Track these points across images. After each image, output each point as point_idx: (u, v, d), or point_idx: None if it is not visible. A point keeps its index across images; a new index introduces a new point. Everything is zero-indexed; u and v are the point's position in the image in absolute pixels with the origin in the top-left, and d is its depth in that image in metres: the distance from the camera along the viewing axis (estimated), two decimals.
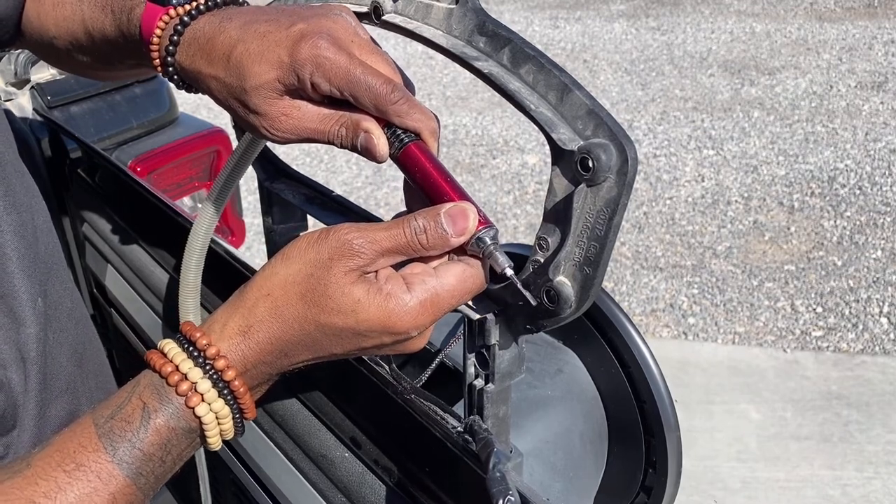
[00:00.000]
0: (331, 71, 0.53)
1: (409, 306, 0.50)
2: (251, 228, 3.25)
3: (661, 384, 0.79)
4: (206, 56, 0.58)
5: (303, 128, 0.56)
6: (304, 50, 0.53)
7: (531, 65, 0.52)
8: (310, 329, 0.51)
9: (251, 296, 0.53)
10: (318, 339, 0.51)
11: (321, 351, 0.52)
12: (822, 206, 3.69)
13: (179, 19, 0.60)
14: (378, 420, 0.67)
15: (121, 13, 0.64)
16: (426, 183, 0.54)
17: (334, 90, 0.54)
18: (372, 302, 0.50)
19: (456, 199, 0.52)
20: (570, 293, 0.52)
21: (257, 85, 0.55)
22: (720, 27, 6.12)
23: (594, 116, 0.49)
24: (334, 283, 0.50)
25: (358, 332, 0.51)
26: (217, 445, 0.54)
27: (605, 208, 0.48)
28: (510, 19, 6.59)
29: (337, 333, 0.51)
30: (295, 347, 0.52)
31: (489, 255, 0.51)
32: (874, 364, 2.74)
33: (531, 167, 4.23)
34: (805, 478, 2.30)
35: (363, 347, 0.52)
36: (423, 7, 0.59)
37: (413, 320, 0.50)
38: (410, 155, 0.54)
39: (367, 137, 0.54)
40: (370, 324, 0.50)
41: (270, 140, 0.59)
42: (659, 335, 2.96)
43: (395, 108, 0.54)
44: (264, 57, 0.55)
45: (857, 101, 4.71)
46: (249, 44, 0.56)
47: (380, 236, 0.51)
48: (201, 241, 0.79)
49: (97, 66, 0.74)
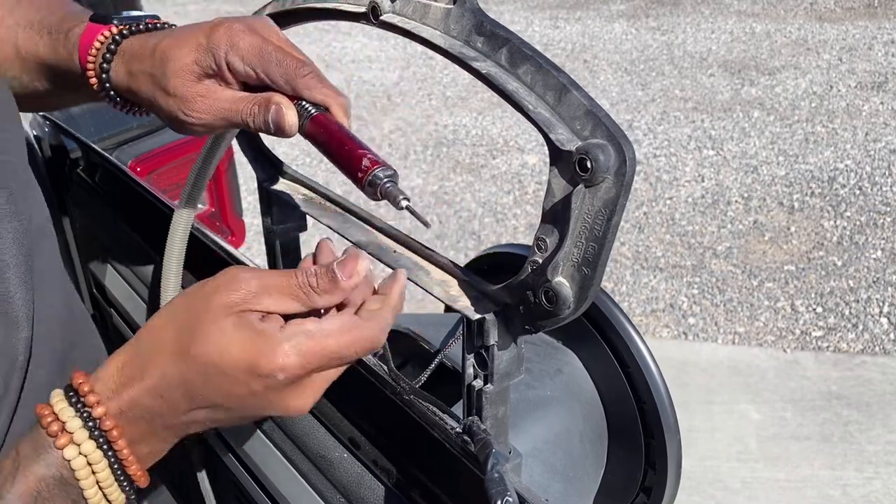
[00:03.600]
0: (244, 50, 0.58)
1: (276, 343, 0.47)
2: (251, 228, 3.25)
3: (660, 384, 0.79)
4: (137, 58, 0.63)
5: (218, 108, 0.60)
6: (219, 32, 0.59)
7: (529, 65, 0.52)
8: (181, 365, 0.48)
9: (141, 332, 0.51)
10: (190, 379, 0.48)
11: (196, 397, 0.49)
12: (822, 207, 3.69)
13: (113, 37, 0.65)
14: (376, 421, 0.67)
15: (58, 34, 0.68)
16: (332, 146, 0.56)
17: (248, 69, 0.58)
18: (238, 336, 0.47)
19: (360, 153, 0.54)
20: (569, 294, 0.52)
21: (177, 68, 0.59)
22: (720, 27, 6.12)
23: (592, 117, 0.49)
24: (209, 313, 0.48)
25: (223, 372, 0.47)
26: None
27: (603, 209, 0.48)
28: (510, 19, 6.59)
29: (205, 372, 0.48)
30: (169, 387, 0.48)
31: (385, 193, 0.52)
32: (874, 364, 2.74)
33: (531, 167, 4.23)
34: (805, 478, 2.30)
35: (235, 395, 0.48)
36: (421, 7, 0.59)
37: (280, 359, 0.46)
38: (317, 122, 0.57)
39: (278, 109, 0.57)
40: (234, 360, 0.47)
41: (188, 123, 0.62)
42: (659, 335, 2.96)
43: (305, 82, 0.57)
44: (184, 42, 0.60)
45: (857, 102, 4.70)
46: (172, 37, 0.61)
47: (269, 274, 0.50)
48: (178, 247, 0.82)
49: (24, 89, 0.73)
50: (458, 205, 3.90)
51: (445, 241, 3.61)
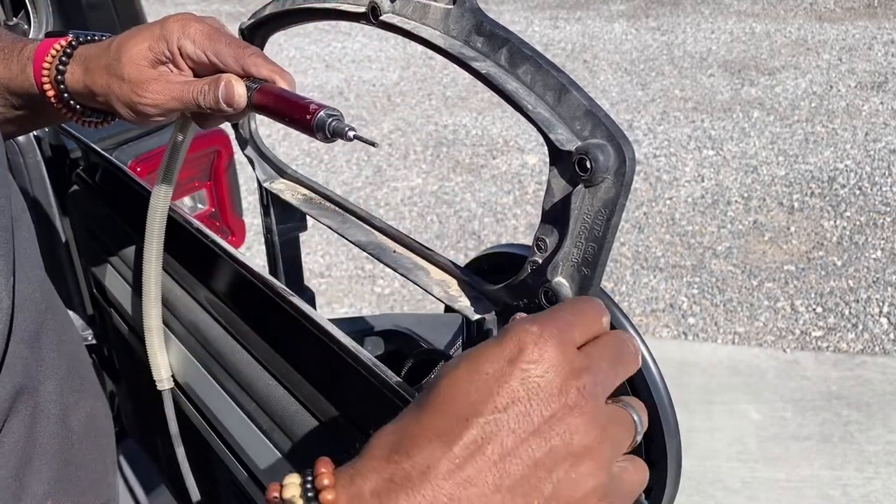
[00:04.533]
0: (195, 34, 0.63)
1: (516, 326, 0.38)
2: (251, 228, 3.25)
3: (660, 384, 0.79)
4: (93, 56, 0.66)
5: (170, 90, 0.63)
6: (171, 21, 0.64)
7: (529, 65, 0.52)
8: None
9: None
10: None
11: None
12: (822, 207, 3.69)
13: (69, 44, 0.68)
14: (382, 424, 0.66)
15: (10, 52, 0.70)
16: (280, 107, 0.60)
17: (198, 51, 0.63)
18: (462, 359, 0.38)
19: (305, 103, 0.58)
20: (569, 294, 0.52)
21: (131, 55, 0.63)
22: (720, 27, 6.12)
23: (592, 117, 0.49)
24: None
25: (488, 393, 0.36)
26: None
27: (603, 209, 0.48)
28: (510, 19, 6.59)
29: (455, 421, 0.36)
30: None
31: (334, 130, 0.56)
32: (874, 364, 2.74)
33: (531, 167, 4.23)
34: (805, 478, 2.30)
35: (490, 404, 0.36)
36: (421, 7, 0.59)
37: (530, 336, 0.37)
38: (263, 92, 0.61)
39: (227, 83, 0.61)
40: (485, 365, 0.37)
41: (141, 105, 0.64)
42: (659, 335, 2.96)
43: (253, 59, 0.62)
44: (139, 34, 0.64)
45: (856, 102, 4.70)
46: (128, 32, 0.66)
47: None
48: (157, 234, 0.83)
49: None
50: (458, 205, 3.90)
51: (445, 241, 3.61)
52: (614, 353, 0.41)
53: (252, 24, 0.78)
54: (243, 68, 0.62)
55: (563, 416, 0.37)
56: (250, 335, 0.79)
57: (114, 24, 1.43)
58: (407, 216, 3.72)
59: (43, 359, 0.60)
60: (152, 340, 0.87)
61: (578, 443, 0.37)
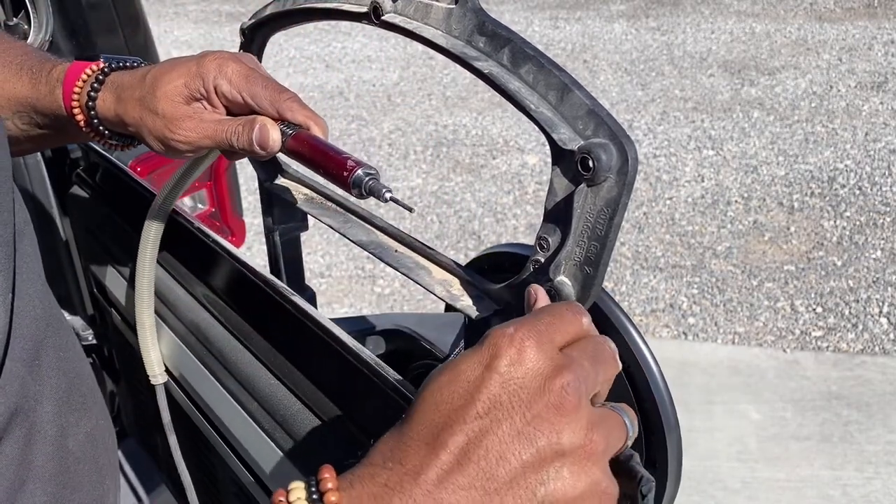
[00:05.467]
0: (232, 74, 0.62)
1: (494, 331, 0.39)
2: (251, 228, 3.25)
3: (661, 384, 0.79)
4: (126, 86, 0.66)
5: (203, 128, 0.63)
6: (209, 59, 0.63)
7: (531, 65, 0.52)
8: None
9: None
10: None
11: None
12: (822, 207, 3.69)
13: (101, 70, 0.68)
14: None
15: (39, 72, 0.70)
16: (316, 156, 0.60)
17: (234, 91, 0.62)
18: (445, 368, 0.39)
19: (343, 158, 0.58)
20: (571, 293, 0.52)
21: (166, 91, 0.63)
22: (720, 27, 6.12)
23: (594, 116, 0.49)
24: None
25: (468, 394, 0.37)
26: None
27: (605, 208, 0.49)
28: (510, 19, 6.59)
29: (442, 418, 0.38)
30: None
31: (370, 189, 0.56)
32: (874, 364, 2.74)
33: (531, 167, 4.23)
34: (805, 478, 2.30)
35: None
36: (423, 7, 0.59)
37: (506, 338, 0.38)
38: (298, 139, 0.61)
39: (262, 127, 0.61)
40: (463, 370, 0.38)
41: (174, 141, 0.64)
42: (659, 335, 2.96)
43: (288, 104, 0.61)
44: (175, 69, 0.63)
45: (856, 102, 4.71)
46: (163, 64, 0.65)
47: None
48: (150, 255, 0.84)
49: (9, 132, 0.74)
50: (458, 205, 3.90)
51: (445, 241, 3.61)
52: (594, 352, 0.41)
53: (253, 24, 0.78)
54: (279, 112, 0.62)
55: (547, 415, 0.37)
56: (252, 334, 0.79)
57: (114, 23, 1.42)
58: (407, 216, 3.72)
59: (42, 378, 0.58)
60: (145, 335, 0.88)
61: (567, 441, 0.37)
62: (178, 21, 7.23)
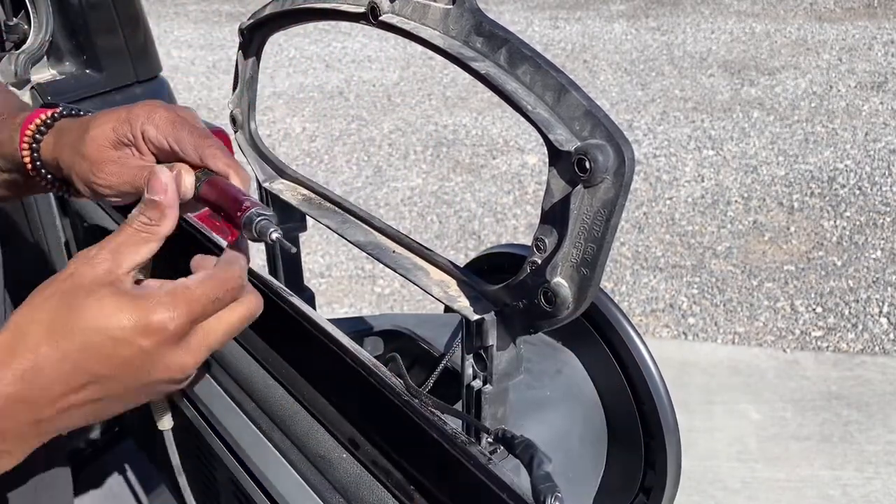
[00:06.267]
0: (159, 121, 0.62)
1: (160, 297, 0.50)
2: None
3: (660, 384, 0.79)
4: (66, 130, 0.66)
5: (125, 173, 0.63)
6: (139, 106, 0.64)
7: (528, 65, 0.52)
8: (60, 341, 0.49)
9: (10, 319, 0.51)
10: (68, 354, 0.49)
11: (75, 374, 0.49)
12: (822, 207, 3.69)
13: (52, 115, 0.69)
14: (393, 436, 0.66)
15: (7, 118, 0.71)
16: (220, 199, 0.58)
17: (160, 137, 0.62)
18: (121, 300, 0.50)
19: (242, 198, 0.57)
20: (568, 294, 0.52)
21: (95, 134, 0.63)
22: (720, 27, 6.12)
23: (591, 117, 0.49)
24: (82, 289, 0.50)
25: (110, 336, 0.49)
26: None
27: (602, 209, 0.48)
28: (510, 20, 6.59)
29: (86, 343, 0.49)
30: (42, 370, 0.49)
31: (259, 230, 0.55)
32: (874, 364, 2.74)
33: (531, 167, 4.23)
34: (805, 478, 2.30)
35: (121, 358, 0.50)
36: (420, 7, 0.59)
37: (168, 311, 0.50)
38: (211, 184, 0.60)
39: (178, 173, 0.60)
40: (121, 322, 0.49)
41: (96, 184, 0.64)
42: (659, 335, 2.96)
43: (211, 151, 0.61)
44: (108, 114, 0.64)
45: (856, 102, 4.71)
46: (100, 112, 0.66)
47: (109, 238, 0.54)
48: None
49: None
50: (458, 205, 3.90)
51: (445, 241, 3.61)
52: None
53: (251, 24, 0.78)
54: (201, 158, 0.61)
55: None
56: (249, 334, 0.79)
57: (114, 23, 1.42)
58: (407, 216, 3.72)
59: None
60: None
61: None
62: (178, 21, 7.24)
